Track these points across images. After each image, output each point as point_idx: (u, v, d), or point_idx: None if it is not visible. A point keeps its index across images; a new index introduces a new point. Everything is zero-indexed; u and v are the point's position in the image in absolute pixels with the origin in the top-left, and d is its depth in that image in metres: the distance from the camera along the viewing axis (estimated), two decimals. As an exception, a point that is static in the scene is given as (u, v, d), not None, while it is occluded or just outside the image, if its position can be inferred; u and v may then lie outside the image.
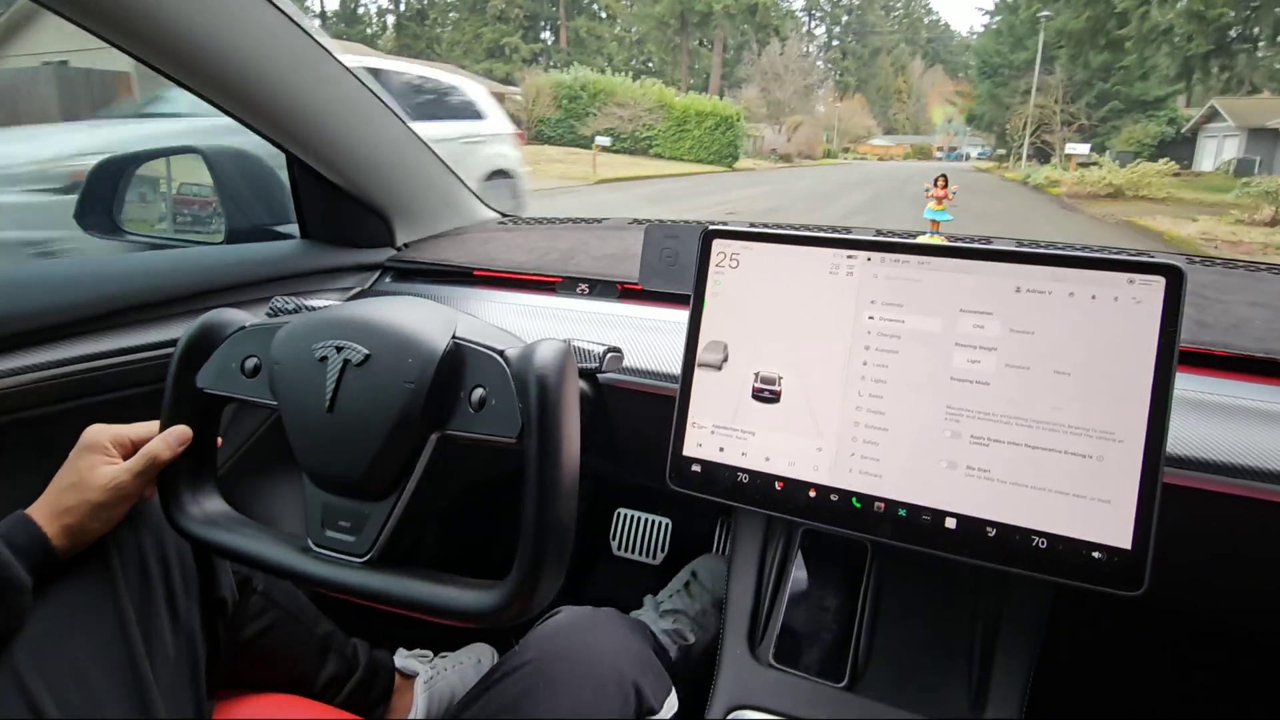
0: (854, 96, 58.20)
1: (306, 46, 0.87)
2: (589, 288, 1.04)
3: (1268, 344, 0.71)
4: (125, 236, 1.22)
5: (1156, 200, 13.96)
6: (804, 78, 44.90)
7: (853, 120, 55.26)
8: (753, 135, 37.30)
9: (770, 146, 35.97)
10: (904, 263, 0.65)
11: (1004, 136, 33.56)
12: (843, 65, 60.53)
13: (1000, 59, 33.93)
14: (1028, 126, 29.54)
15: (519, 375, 0.54)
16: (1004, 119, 33.26)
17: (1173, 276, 0.56)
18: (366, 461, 0.57)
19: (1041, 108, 29.30)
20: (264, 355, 0.64)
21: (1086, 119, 28.58)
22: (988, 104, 35.39)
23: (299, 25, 0.84)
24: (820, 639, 0.77)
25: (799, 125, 40.71)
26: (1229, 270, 0.88)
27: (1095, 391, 0.57)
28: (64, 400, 0.82)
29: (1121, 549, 0.56)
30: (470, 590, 0.55)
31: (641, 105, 22.82)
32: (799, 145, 38.45)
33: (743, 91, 43.86)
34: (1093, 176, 15.60)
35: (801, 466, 0.67)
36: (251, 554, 0.62)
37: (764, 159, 32.05)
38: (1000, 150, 35.23)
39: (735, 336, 0.70)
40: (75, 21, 0.71)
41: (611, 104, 22.67)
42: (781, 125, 40.77)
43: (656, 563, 1.35)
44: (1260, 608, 0.76)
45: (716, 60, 43.21)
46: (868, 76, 60.92)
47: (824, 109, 52.00)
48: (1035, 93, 29.19)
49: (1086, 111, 28.65)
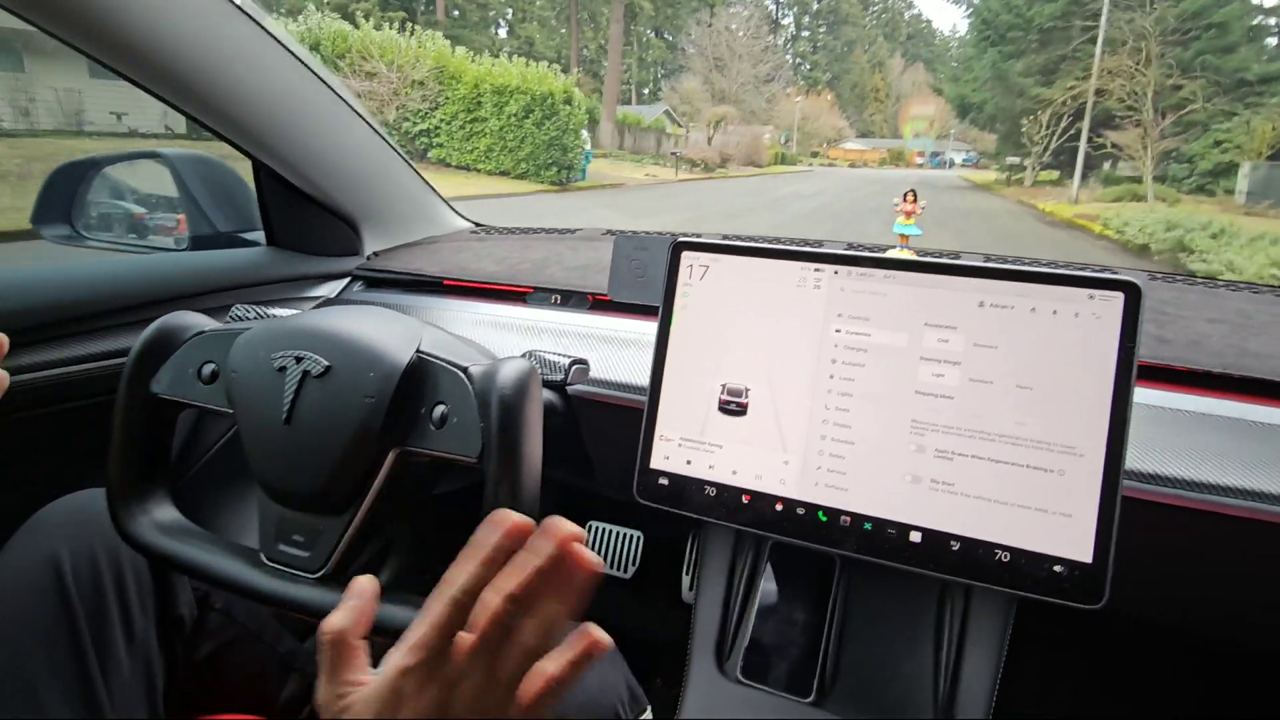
0: (821, 93, 51.34)
1: (271, 49, 0.86)
2: (561, 299, 1.03)
3: (1225, 359, 0.72)
4: (85, 242, 1.19)
5: None
6: (754, 65, 36.94)
7: (820, 120, 47.61)
8: (674, 135, 31.79)
9: (694, 151, 27.00)
10: (870, 276, 0.65)
11: (1014, 137, 22.86)
12: (813, 59, 54.45)
13: (1014, 15, 21.19)
14: (1061, 120, 19.37)
15: (481, 394, 0.54)
16: (1015, 110, 21.92)
17: (1131, 293, 0.57)
18: (323, 476, 0.56)
19: (1118, 76, 16.74)
20: (222, 362, 0.62)
21: (1202, 103, 16.15)
22: (990, 88, 23.37)
23: (263, 27, 0.83)
24: (788, 653, 0.76)
25: (720, 121, 31.53)
26: (1189, 287, 0.90)
27: (1056, 406, 0.58)
28: (14, 411, 0.79)
29: (1082, 563, 0.56)
30: None
31: (411, 74, 13.34)
32: (736, 149, 30.06)
33: (681, 82, 36.54)
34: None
35: (768, 480, 0.67)
36: (200, 565, 0.60)
37: (688, 166, 24.88)
38: (1010, 157, 24.99)
39: (703, 348, 0.70)
40: (32, 22, 0.70)
41: (362, 70, 12.95)
42: (712, 124, 31.53)
43: (628, 576, 1.34)
44: (1220, 617, 0.77)
45: (615, 30, 33.15)
46: (840, 72, 54.90)
47: (786, 106, 44.31)
48: (1102, 52, 17.60)
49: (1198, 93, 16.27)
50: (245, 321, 0.76)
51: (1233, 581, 0.69)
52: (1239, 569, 0.67)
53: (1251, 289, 0.88)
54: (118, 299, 0.89)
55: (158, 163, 1.17)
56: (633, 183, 18.65)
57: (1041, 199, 17.56)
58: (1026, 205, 17.41)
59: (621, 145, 28.71)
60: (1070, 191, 18.04)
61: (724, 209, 14.02)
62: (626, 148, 28.70)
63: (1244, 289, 0.89)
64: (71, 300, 0.85)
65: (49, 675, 0.60)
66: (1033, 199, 18.07)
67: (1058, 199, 17.20)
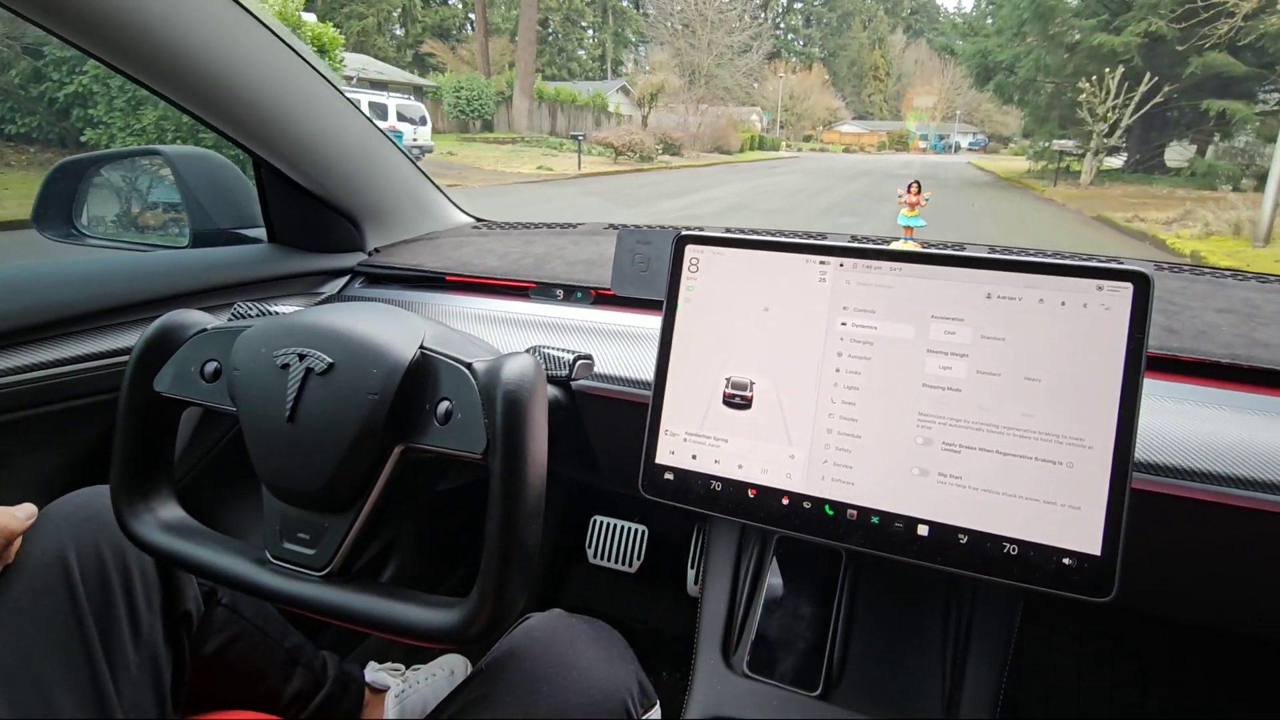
0: (812, 70, 45.04)
1: (271, 45, 0.85)
2: (564, 293, 1.03)
3: (1234, 350, 0.71)
4: (85, 240, 1.18)
5: None
6: (729, 33, 30.81)
7: (811, 100, 41.82)
8: (615, 114, 27.18)
9: (618, 135, 20.51)
10: (877, 269, 0.64)
11: (1056, 111, 15.72)
12: (805, 33, 48.90)
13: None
14: (1144, 81, 12.12)
15: (486, 389, 0.53)
16: (1065, 69, 14.87)
17: (1140, 283, 0.56)
18: (327, 473, 0.55)
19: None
20: (224, 360, 0.62)
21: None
22: (1025, 39, 16.18)
23: (263, 23, 0.83)
24: (795, 647, 0.76)
25: (656, 94, 25.31)
26: (1196, 277, 0.89)
27: (1065, 398, 0.58)
28: (16, 410, 0.79)
29: (1091, 555, 0.56)
30: (430, 608, 0.53)
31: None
32: (703, 131, 24.62)
33: (648, 55, 31.66)
34: None
35: (774, 474, 0.66)
36: (205, 564, 0.60)
37: (613, 154, 19.67)
38: (1053, 139, 16.94)
39: (707, 342, 0.70)
40: (28, 19, 0.69)
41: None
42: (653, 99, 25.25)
43: (633, 570, 1.34)
44: (1230, 609, 0.77)
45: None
46: (836, 49, 49.46)
47: (773, 83, 39.43)
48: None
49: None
50: (247, 319, 0.76)
51: (1242, 572, 0.68)
52: (1248, 560, 0.67)
53: (1259, 279, 0.88)
54: (119, 297, 0.89)
55: (158, 160, 1.17)
56: (487, 181, 13.67)
57: (1122, 207, 11.14)
58: (1125, 229, 9.73)
59: (554, 128, 24.00)
60: (1157, 194, 11.93)
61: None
62: (560, 130, 24.01)
63: (1251, 279, 0.88)
64: (73, 299, 0.85)
65: (58, 673, 0.60)
66: (1107, 208, 11.13)
67: (1143, 206, 10.86)
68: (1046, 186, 15.33)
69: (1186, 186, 13.37)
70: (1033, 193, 14.96)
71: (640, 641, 0.94)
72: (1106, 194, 13.39)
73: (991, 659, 0.71)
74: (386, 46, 32.40)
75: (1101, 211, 11.18)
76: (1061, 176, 16.31)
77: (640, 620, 1.39)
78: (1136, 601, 0.79)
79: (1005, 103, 19.73)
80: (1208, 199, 11.17)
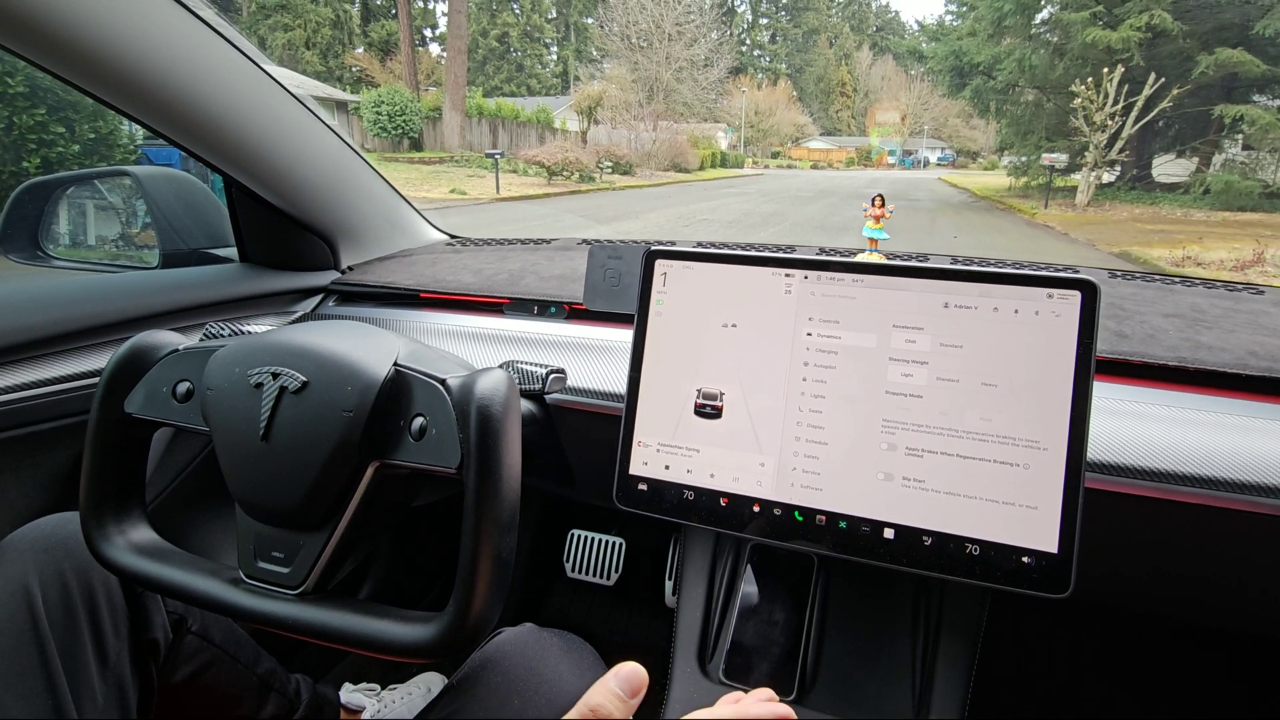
0: (777, 85, 44.92)
1: (240, 64, 0.86)
2: (537, 309, 1.04)
3: (1180, 352, 0.75)
4: (52, 262, 1.17)
5: None
6: (688, 46, 29.27)
7: (777, 116, 41.29)
8: (561, 129, 25.25)
9: (549, 153, 17.80)
10: (840, 281, 0.67)
11: (1040, 121, 14.11)
12: (770, 49, 48.86)
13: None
14: (1149, 83, 10.41)
15: (460, 404, 0.54)
16: (1053, 71, 13.04)
17: (1087, 291, 0.59)
18: (302, 491, 0.56)
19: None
20: (197, 380, 0.62)
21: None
22: (1004, 36, 14.42)
23: (231, 42, 0.83)
24: (769, 653, 0.77)
25: (600, 102, 23.47)
26: (1146, 283, 0.93)
27: (1020, 402, 0.60)
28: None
29: (1049, 553, 0.58)
30: (405, 624, 0.54)
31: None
32: (656, 148, 22.62)
33: (606, 68, 30.66)
34: None
35: (745, 482, 0.68)
36: (178, 585, 0.59)
37: (546, 174, 17.14)
38: (1039, 151, 14.83)
39: (678, 354, 0.71)
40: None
41: None
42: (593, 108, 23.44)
43: (610, 583, 1.34)
44: (1181, 601, 0.79)
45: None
46: (803, 64, 49.32)
47: (738, 99, 39.12)
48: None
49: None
50: (220, 339, 0.75)
51: (1190, 565, 0.71)
52: (1195, 554, 0.69)
53: (1205, 285, 0.92)
54: (88, 319, 0.88)
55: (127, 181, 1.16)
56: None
57: (1141, 236, 8.88)
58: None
59: (495, 146, 21.49)
60: (1170, 216, 10.13)
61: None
62: (509, 149, 21.70)
63: (1198, 285, 0.92)
64: (40, 321, 0.84)
65: (18, 705, 0.59)
66: (1122, 238, 8.90)
67: (1170, 236, 8.73)
68: (1036, 208, 12.99)
69: (1199, 206, 11.69)
70: (1022, 216, 12.52)
71: (619, 654, 0.95)
72: (1110, 217, 11.31)
73: (959, 658, 0.73)
74: (315, 60, 31.49)
75: (1120, 244, 8.52)
76: (1052, 195, 14.12)
77: (619, 633, 1.40)
78: (1096, 596, 0.81)
79: (981, 113, 17.63)
80: (1250, 225, 8.89)
